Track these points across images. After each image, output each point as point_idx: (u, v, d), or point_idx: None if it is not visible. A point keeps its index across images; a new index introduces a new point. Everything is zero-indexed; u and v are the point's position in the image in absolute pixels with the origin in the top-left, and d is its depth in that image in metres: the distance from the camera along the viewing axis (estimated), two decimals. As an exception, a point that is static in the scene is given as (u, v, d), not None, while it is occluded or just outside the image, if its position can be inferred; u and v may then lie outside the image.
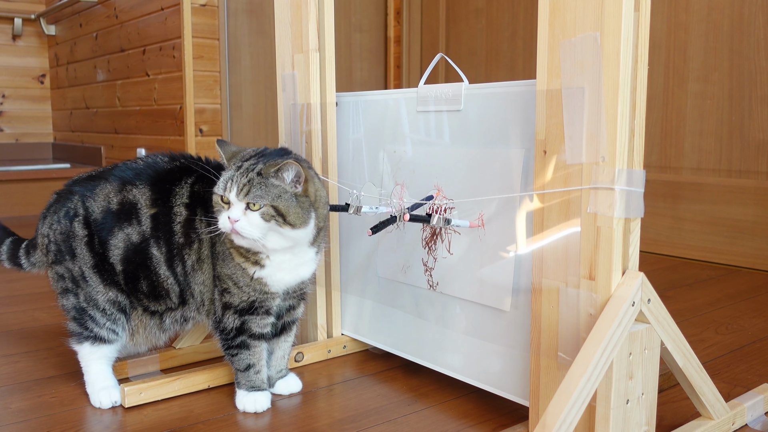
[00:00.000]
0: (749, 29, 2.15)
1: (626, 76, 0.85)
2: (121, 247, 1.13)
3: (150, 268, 1.13)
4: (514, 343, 1.08)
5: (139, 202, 1.13)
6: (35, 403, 1.19)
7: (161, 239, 1.12)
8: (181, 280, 1.13)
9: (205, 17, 2.84)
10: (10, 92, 4.11)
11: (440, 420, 1.12)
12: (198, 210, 1.12)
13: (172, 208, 1.13)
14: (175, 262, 1.13)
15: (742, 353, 1.42)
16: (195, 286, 1.14)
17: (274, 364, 1.21)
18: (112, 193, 1.14)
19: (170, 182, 1.14)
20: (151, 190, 1.13)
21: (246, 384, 1.15)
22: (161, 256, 1.13)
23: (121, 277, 1.15)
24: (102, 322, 1.16)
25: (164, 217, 1.12)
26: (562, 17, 0.90)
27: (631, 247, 0.89)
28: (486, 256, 1.12)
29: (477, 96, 1.13)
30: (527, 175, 1.04)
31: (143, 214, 1.13)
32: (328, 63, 1.34)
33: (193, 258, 1.12)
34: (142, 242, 1.13)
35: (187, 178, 1.14)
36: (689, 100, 2.31)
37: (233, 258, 1.10)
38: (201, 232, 1.12)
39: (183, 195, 1.13)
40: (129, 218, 1.13)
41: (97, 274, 1.15)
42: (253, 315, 1.12)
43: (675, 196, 2.36)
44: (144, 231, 1.13)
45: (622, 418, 0.89)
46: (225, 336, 1.13)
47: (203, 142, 2.89)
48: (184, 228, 1.12)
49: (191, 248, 1.12)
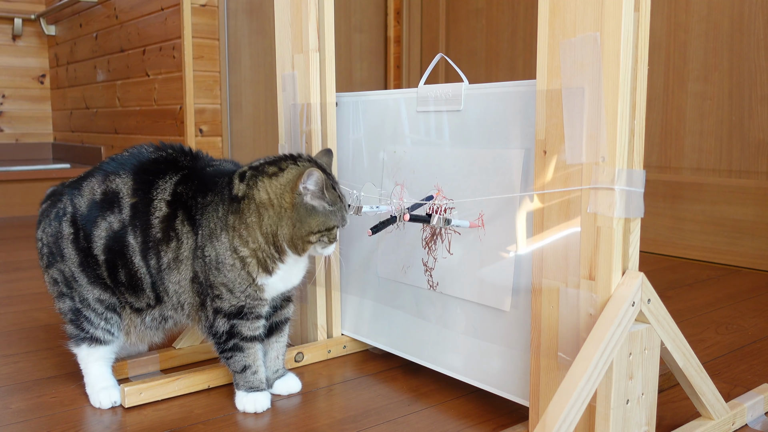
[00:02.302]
0: (749, 29, 2.15)
1: (626, 76, 0.85)
2: (103, 236, 1.12)
3: (126, 257, 1.12)
4: (514, 343, 1.08)
5: (121, 191, 1.12)
6: (35, 403, 1.19)
7: (138, 229, 1.11)
8: (154, 274, 1.12)
9: (205, 17, 2.84)
10: (10, 92, 4.11)
11: (440, 420, 1.12)
12: (179, 212, 1.11)
13: (152, 201, 1.11)
14: (149, 255, 1.11)
15: (742, 353, 1.42)
16: (170, 285, 1.12)
17: (269, 364, 1.21)
18: (97, 185, 1.14)
19: (154, 173, 1.13)
20: (133, 179, 1.13)
21: (244, 385, 1.15)
22: (137, 245, 1.11)
23: (104, 269, 1.14)
24: (96, 323, 1.16)
25: (143, 207, 1.11)
26: (562, 17, 0.90)
27: (631, 247, 0.89)
28: (486, 256, 1.12)
29: (477, 96, 1.13)
30: (527, 175, 1.04)
31: (124, 203, 1.12)
32: (328, 63, 1.34)
33: (170, 256, 1.11)
34: (121, 230, 1.12)
35: (172, 175, 1.13)
36: (689, 100, 2.31)
37: (243, 267, 1.09)
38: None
39: (165, 191, 1.12)
40: (111, 207, 1.12)
41: (84, 273, 1.14)
42: (242, 319, 1.12)
43: (675, 196, 2.36)
44: (124, 219, 1.12)
45: (622, 418, 0.89)
46: (217, 340, 1.14)
47: (203, 142, 2.89)
48: (163, 224, 1.11)
49: (168, 246, 1.11)
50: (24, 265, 2.31)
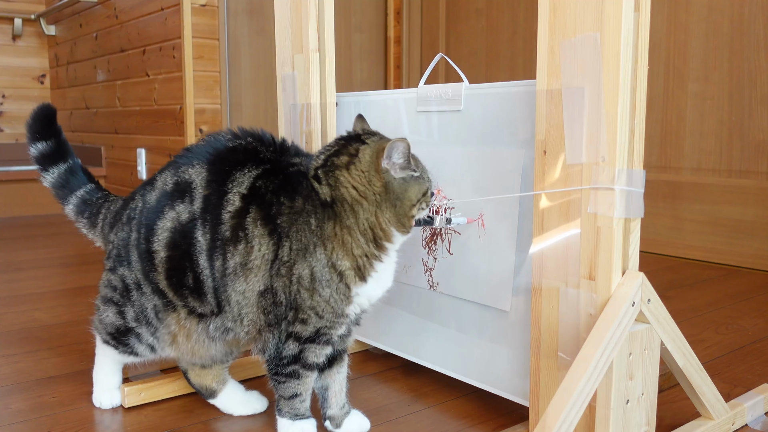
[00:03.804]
0: (749, 29, 2.15)
1: (626, 77, 0.85)
2: (168, 228, 1.01)
3: (192, 256, 1.00)
4: (514, 343, 1.08)
5: (194, 182, 1.01)
6: (35, 403, 1.19)
7: (207, 224, 0.99)
8: (217, 277, 0.99)
9: (205, 17, 2.84)
10: (10, 92, 4.11)
11: (440, 420, 1.12)
12: (252, 208, 0.98)
13: (227, 193, 0.99)
14: (215, 255, 0.98)
15: (742, 353, 1.42)
16: (232, 293, 0.99)
17: (335, 400, 1.07)
18: (169, 176, 1.04)
19: (231, 164, 1.01)
20: (208, 170, 1.01)
21: (289, 412, 1.03)
22: (204, 243, 0.99)
23: (162, 269, 1.02)
24: (145, 338, 1.07)
25: (216, 200, 0.99)
26: (562, 17, 0.90)
27: (631, 247, 0.89)
28: (486, 256, 1.12)
29: (477, 96, 1.13)
30: (527, 175, 1.04)
31: (197, 194, 1.01)
32: (328, 63, 1.34)
33: (237, 260, 0.97)
34: (190, 222, 1.00)
35: (252, 167, 1.01)
36: (689, 101, 2.31)
37: (341, 279, 0.97)
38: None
39: (242, 184, 0.99)
40: (182, 196, 1.01)
41: (148, 280, 1.04)
42: (314, 343, 1.00)
43: (675, 196, 2.36)
44: (194, 211, 1.00)
45: (622, 418, 0.89)
46: (277, 362, 1.00)
47: (203, 142, 2.89)
48: (234, 220, 0.98)
49: (236, 248, 0.97)
50: (24, 265, 2.31)
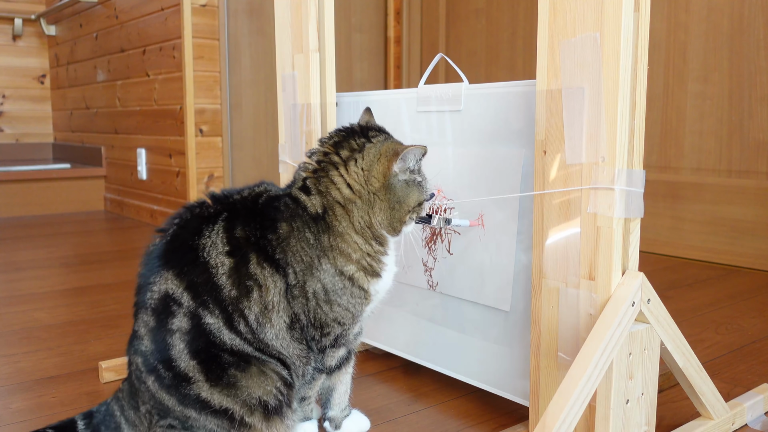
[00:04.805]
0: (749, 29, 2.15)
1: (626, 77, 0.85)
2: (179, 343, 0.90)
3: (216, 341, 0.90)
4: (514, 343, 1.08)
5: (168, 289, 0.91)
6: (35, 403, 1.19)
7: (209, 301, 0.90)
8: (250, 338, 0.91)
9: (205, 17, 2.84)
10: (11, 92, 4.11)
11: (440, 420, 1.12)
12: (251, 256, 0.91)
13: (207, 262, 0.90)
14: (235, 321, 0.90)
15: (742, 353, 1.42)
16: (270, 343, 0.92)
17: (338, 401, 1.06)
18: (146, 316, 0.93)
19: (191, 238, 0.92)
20: (173, 269, 0.92)
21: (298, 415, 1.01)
22: (218, 319, 0.90)
23: (201, 377, 0.90)
24: None
25: (201, 277, 0.90)
26: (562, 17, 0.90)
27: (630, 247, 0.89)
28: (486, 256, 1.12)
29: (477, 96, 1.13)
30: (527, 175, 1.04)
31: (178, 293, 0.91)
32: (328, 63, 1.34)
33: (256, 310, 0.90)
34: (194, 318, 0.90)
35: (212, 224, 0.93)
36: (689, 100, 2.31)
37: (353, 283, 0.95)
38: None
39: (217, 245, 0.91)
40: (168, 311, 0.90)
41: (190, 406, 0.91)
42: (333, 348, 0.98)
43: (675, 196, 2.36)
44: (188, 307, 0.90)
45: (622, 418, 0.89)
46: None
47: (203, 142, 2.89)
48: (234, 276, 0.90)
49: (250, 298, 0.90)
50: (24, 265, 2.31)
